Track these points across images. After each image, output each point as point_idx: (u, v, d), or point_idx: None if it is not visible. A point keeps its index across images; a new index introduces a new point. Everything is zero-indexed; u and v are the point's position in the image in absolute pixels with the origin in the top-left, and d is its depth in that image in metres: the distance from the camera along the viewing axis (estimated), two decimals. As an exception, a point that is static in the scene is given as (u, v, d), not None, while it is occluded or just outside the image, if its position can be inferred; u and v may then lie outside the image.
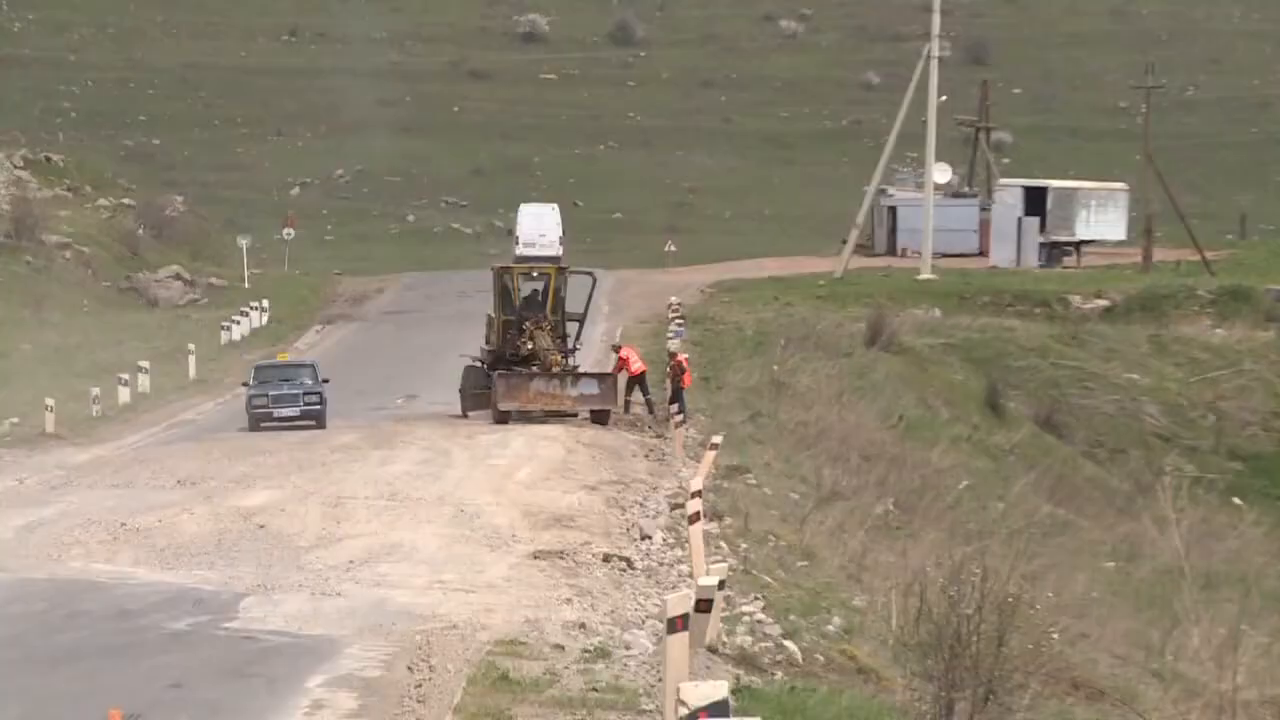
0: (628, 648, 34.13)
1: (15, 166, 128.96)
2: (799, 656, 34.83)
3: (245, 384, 70.92)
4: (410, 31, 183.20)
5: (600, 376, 72.78)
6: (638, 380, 72.51)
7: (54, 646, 34.24)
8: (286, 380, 70.24)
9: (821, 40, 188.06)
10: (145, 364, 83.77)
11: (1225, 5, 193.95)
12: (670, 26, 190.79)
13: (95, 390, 78.02)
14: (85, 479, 58.62)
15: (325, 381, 70.57)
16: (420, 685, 30.83)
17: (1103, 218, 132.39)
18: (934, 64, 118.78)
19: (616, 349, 76.43)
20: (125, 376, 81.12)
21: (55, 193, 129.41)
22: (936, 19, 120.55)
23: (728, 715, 17.18)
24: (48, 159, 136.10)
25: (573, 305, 74.33)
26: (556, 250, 73.11)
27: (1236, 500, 79.25)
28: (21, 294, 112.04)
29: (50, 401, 72.41)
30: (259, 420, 67.70)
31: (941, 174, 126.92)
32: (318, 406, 68.57)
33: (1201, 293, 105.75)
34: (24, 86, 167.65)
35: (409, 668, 32.19)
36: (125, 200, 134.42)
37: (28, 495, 55.35)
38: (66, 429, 71.08)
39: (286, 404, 68.24)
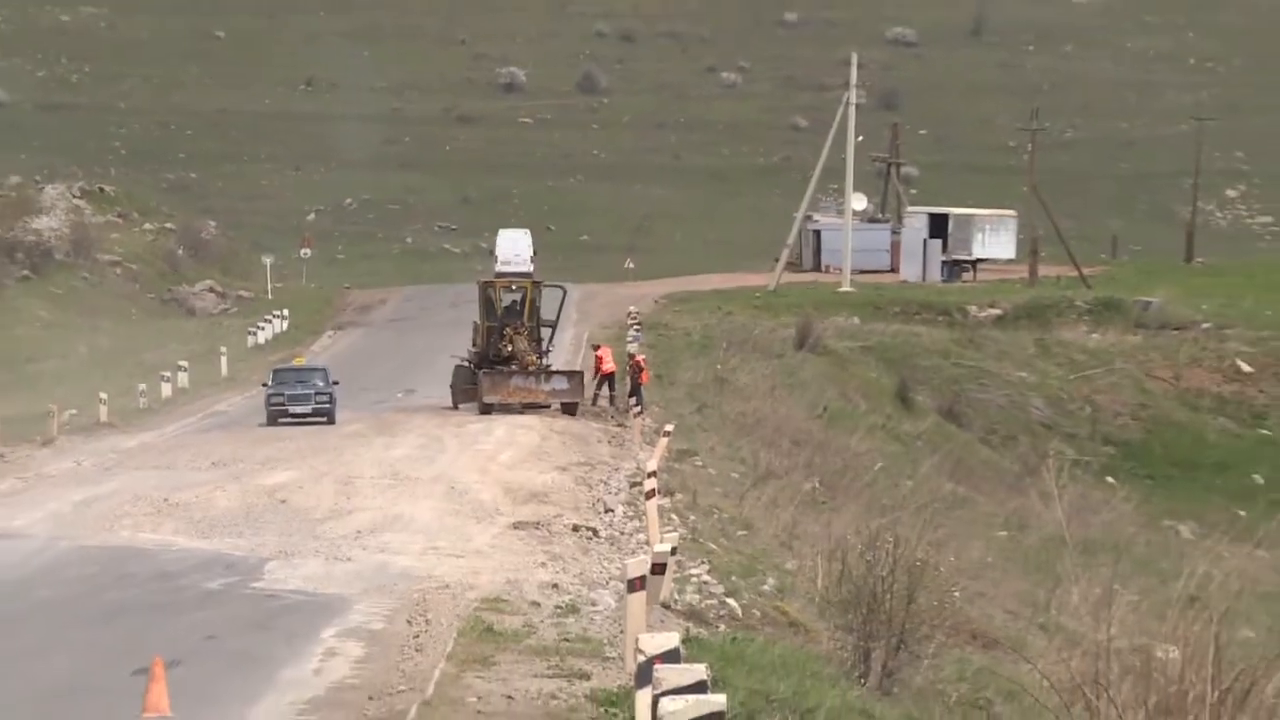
0: (594, 604, 34.05)
1: (74, 196, 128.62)
2: (739, 612, 34.76)
3: (264, 384, 70.43)
4: (408, 82, 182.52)
5: (569, 374, 72.98)
6: (607, 378, 72.57)
7: (106, 603, 34.14)
8: (301, 382, 69.69)
9: (756, 89, 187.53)
10: (184, 364, 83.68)
11: (1097, 60, 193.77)
12: (629, 78, 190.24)
13: (142, 386, 77.87)
14: (133, 461, 58.50)
15: (335, 384, 70.04)
16: (418, 636, 30.73)
17: (995, 239, 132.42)
18: (852, 110, 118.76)
19: (595, 348, 76.56)
20: (167, 374, 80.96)
21: (107, 219, 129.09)
22: (854, 72, 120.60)
23: (679, 661, 17.10)
24: (101, 190, 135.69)
25: (546, 314, 74.60)
26: (529, 267, 73.46)
27: (1109, 479, 79.27)
28: (79, 305, 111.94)
29: (104, 395, 72.23)
30: (276, 416, 67.25)
31: (859, 203, 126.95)
32: (328, 405, 68.11)
33: (1079, 303, 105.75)
34: (81, 129, 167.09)
35: (408, 621, 32.09)
36: (167, 225, 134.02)
37: (84, 475, 55.20)
38: (117, 419, 70.89)
39: (300, 402, 67.72)
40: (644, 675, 18.23)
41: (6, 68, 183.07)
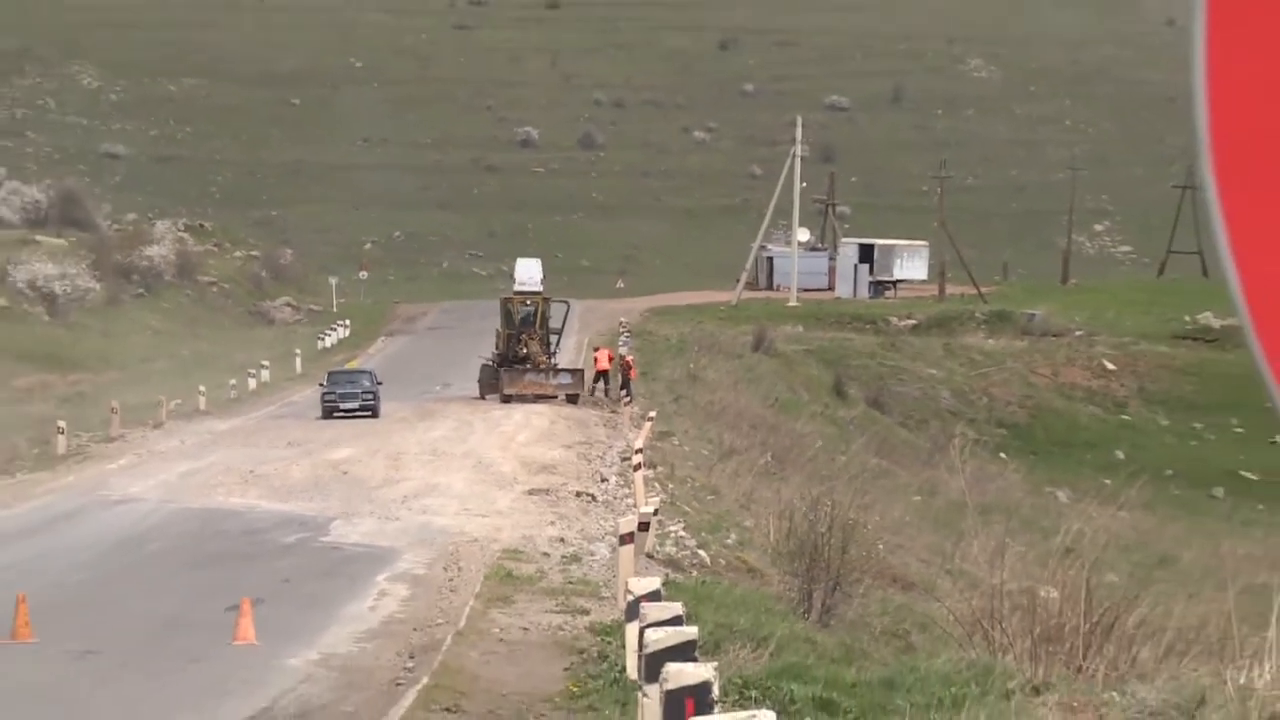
0: (592, 555, 34.08)
1: (179, 230, 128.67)
2: (708, 561, 34.74)
3: (320, 384, 69.53)
4: (444, 139, 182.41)
5: (572, 371, 73.15)
6: (603, 374, 72.62)
7: (204, 554, 34.14)
8: (350, 383, 68.82)
9: (721, 145, 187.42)
10: (265, 364, 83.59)
11: (993, 123, 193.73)
12: (620, 136, 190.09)
13: (232, 381, 77.78)
14: (225, 441, 58.47)
15: (379, 384, 68.92)
16: (452, 580, 30.70)
17: (911, 265, 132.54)
18: (797, 161, 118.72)
19: (596, 349, 76.81)
20: (252, 372, 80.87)
21: (205, 248, 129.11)
22: (799, 131, 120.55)
23: (660, 600, 17.07)
24: (201, 225, 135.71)
25: (554, 323, 74.85)
26: (539, 287, 73.98)
27: (1002, 455, 79.26)
28: (182, 316, 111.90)
29: (202, 389, 72.12)
30: (329, 411, 66.23)
31: (803, 235, 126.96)
32: (372, 402, 66.93)
33: (977, 315, 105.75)
34: (185, 177, 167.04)
35: (444, 568, 32.08)
36: (252, 253, 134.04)
37: (187, 451, 55.19)
38: (213, 407, 70.82)
39: (349, 400, 66.67)
40: (632, 611, 18.19)
41: (126, 129, 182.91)
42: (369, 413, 65.72)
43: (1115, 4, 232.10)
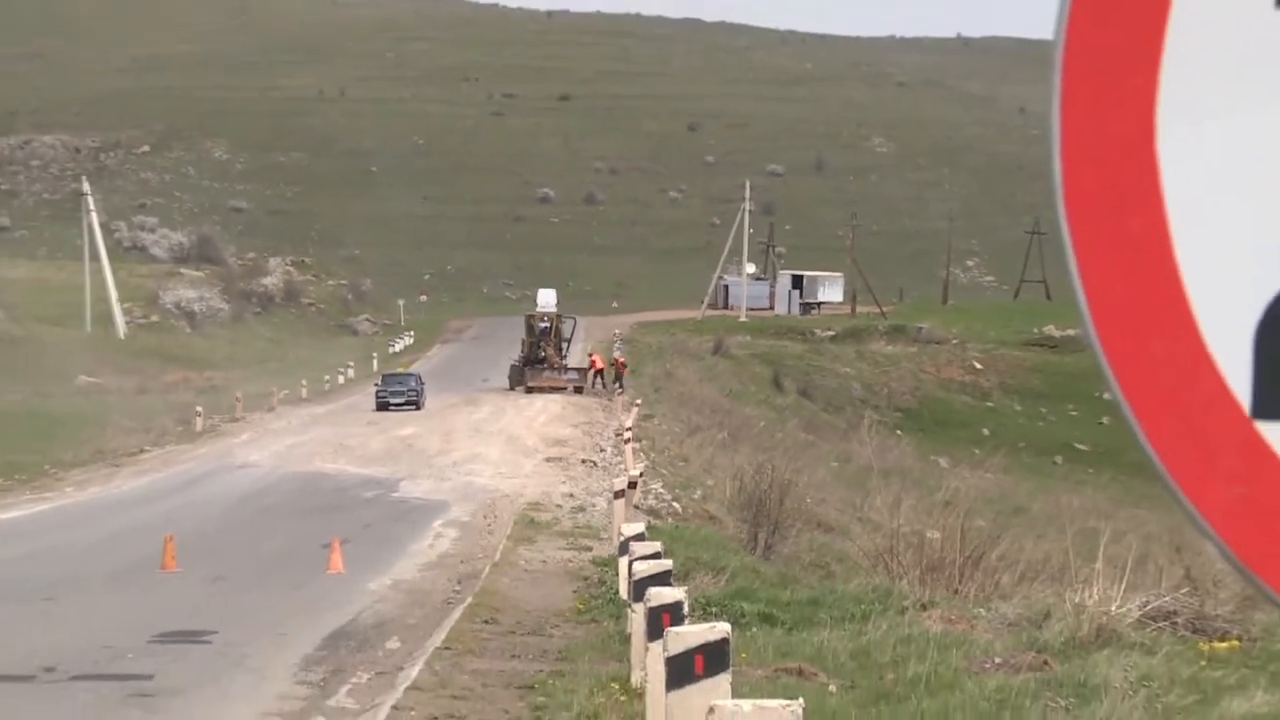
0: (594, 506, 34.10)
1: (286, 265, 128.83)
2: (680, 510, 34.76)
3: (375, 384, 67.65)
4: (484, 196, 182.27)
5: (579, 369, 73.46)
6: (599, 373, 72.66)
7: (305, 506, 34.15)
8: (399, 383, 66.68)
9: (690, 202, 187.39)
10: (350, 364, 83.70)
11: (892, 185, 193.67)
12: (614, 195, 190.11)
13: (326, 377, 77.89)
14: (321, 421, 58.57)
15: (423, 384, 66.84)
16: (489, 524, 30.72)
17: (830, 290, 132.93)
18: (746, 214, 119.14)
19: (590, 355, 76.96)
20: (341, 370, 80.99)
21: (306, 278, 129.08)
22: (747, 191, 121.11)
23: (644, 540, 17.06)
24: (302, 261, 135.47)
25: (564, 334, 75.26)
26: (553, 307, 74.52)
27: (898, 432, 79.28)
28: (289, 329, 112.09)
29: (304, 382, 72.24)
30: (382, 405, 63.82)
31: (750, 269, 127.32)
32: (416, 398, 64.68)
33: (880, 328, 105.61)
34: (292, 226, 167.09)
35: (483, 516, 32.10)
36: (341, 281, 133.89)
37: (292, 429, 55.19)
38: (312, 396, 70.87)
39: (397, 396, 64.56)
40: (624, 549, 18.17)
41: (247, 190, 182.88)
42: (413, 406, 63.72)
43: (979, 97, 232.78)
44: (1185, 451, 1.47)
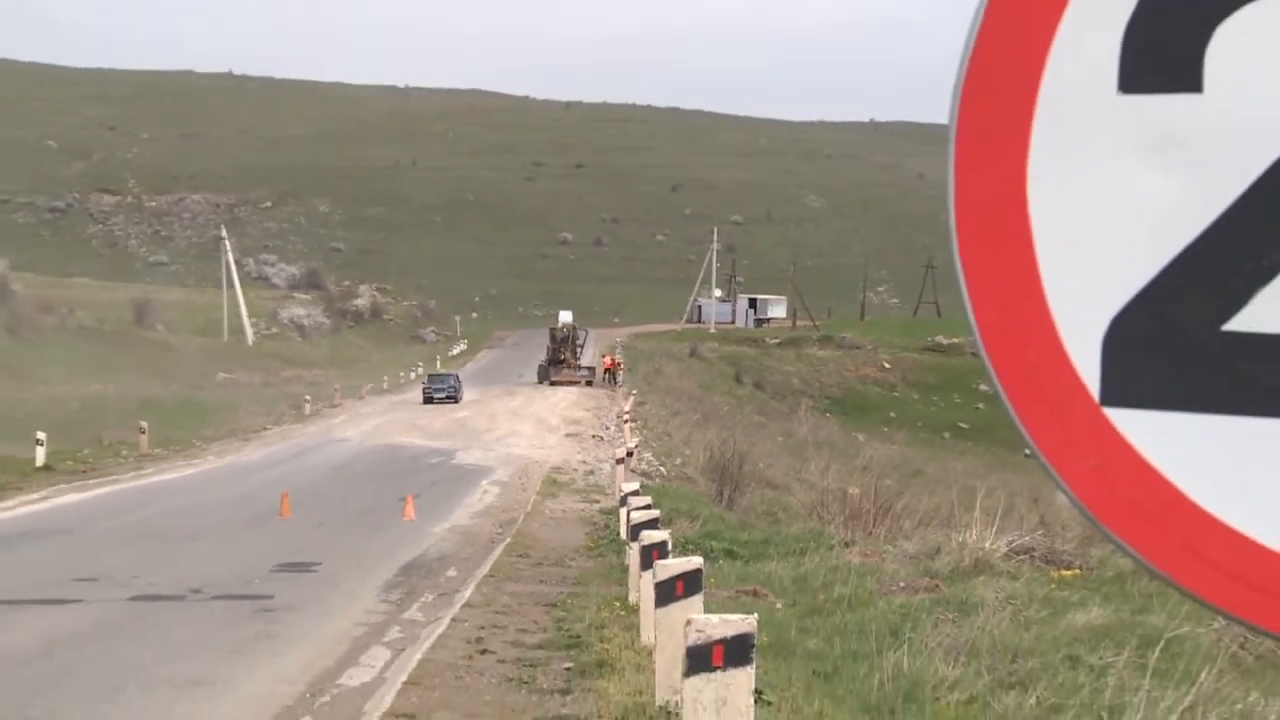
0: (601, 470, 34.01)
1: (373, 290, 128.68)
2: (665, 473, 34.74)
3: (424, 383, 64.52)
4: (519, 240, 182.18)
5: (589, 368, 73.43)
6: (609, 371, 72.68)
7: (385, 470, 34.08)
8: (442, 381, 62.92)
9: (673, 244, 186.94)
10: (420, 364, 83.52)
11: (822, 232, 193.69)
12: (617, 239, 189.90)
13: (401, 373, 77.79)
14: (398, 408, 58.46)
15: (460, 381, 62.78)
16: (523, 484, 30.66)
17: (777, 309, 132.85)
18: (714, 253, 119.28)
19: (604, 356, 76.95)
20: (413, 369, 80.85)
21: (387, 300, 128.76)
22: (715, 236, 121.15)
23: (639, 495, 17.06)
24: (384, 288, 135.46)
25: (579, 342, 75.33)
26: (570, 323, 74.79)
27: (827, 415, 79.32)
28: (376, 338, 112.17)
29: (385, 378, 72.19)
30: (428, 399, 60.36)
31: (718, 293, 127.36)
32: (455, 393, 60.85)
33: (814, 337, 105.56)
34: (378, 261, 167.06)
35: (519, 478, 32.03)
36: (413, 302, 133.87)
37: (376, 413, 55.15)
38: (391, 389, 70.79)
39: (440, 391, 61.05)
40: (623, 501, 18.16)
41: (343, 234, 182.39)
42: (452, 400, 60.26)
43: (887, 166, 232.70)
44: (1050, 432, 1.49)
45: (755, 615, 7.14)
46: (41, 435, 32.88)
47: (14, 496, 26.41)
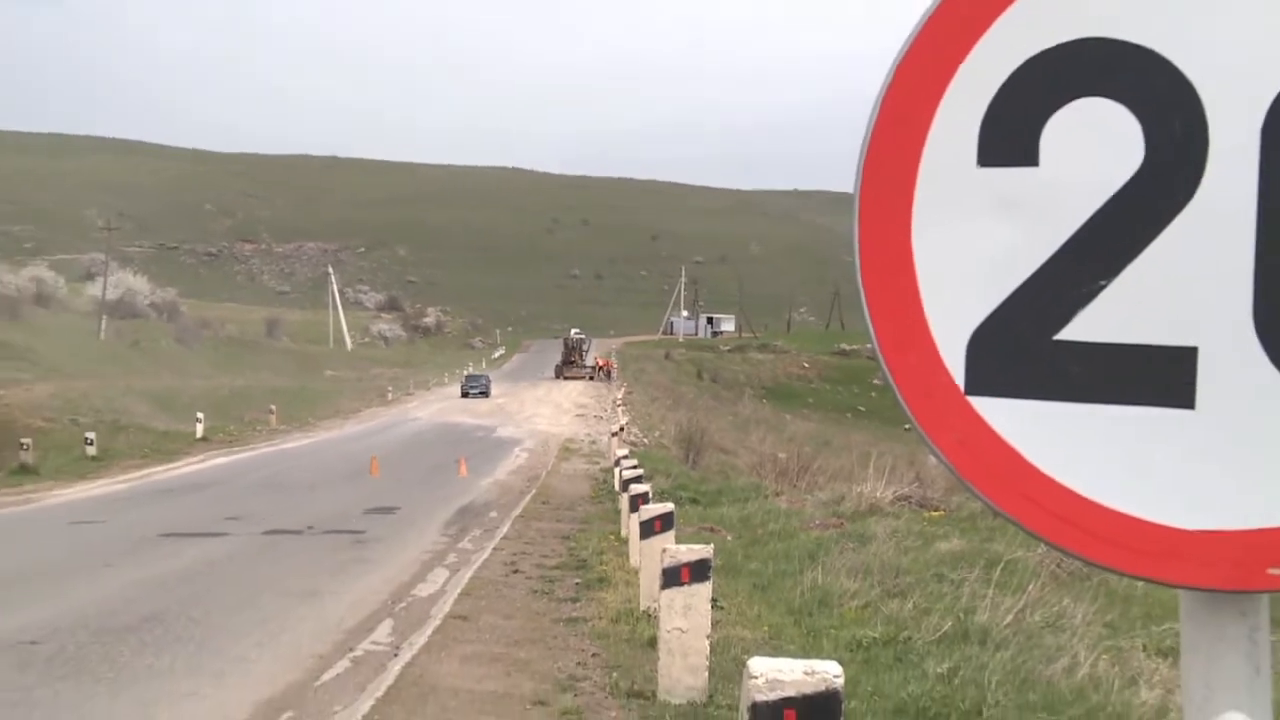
0: (601, 440, 33.82)
1: (438, 311, 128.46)
2: (647, 443, 34.59)
3: (460, 381, 60.61)
4: (540, 277, 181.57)
5: (593, 367, 73.08)
6: (605, 369, 72.34)
7: (444, 440, 33.85)
8: (476, 380, 57.90)
9: (653, 278, 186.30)
10: (470, 365, 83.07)
11: (765, 271, 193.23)
12: (613, 274, 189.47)
13: (456, 371, 77.21)
14: (451, 398, 58.11)
15: (489, 380, 57.97)
16: (545, 450, 30.52)
17: (727, 324, 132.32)
18: (683, 284, 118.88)
19: (600, 359, 76.63)
20: (464, 368, 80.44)
21: (447, 318, 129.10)
22: (684, 272, 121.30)
23: (628, 458, 16.99)
24: (445, 309, 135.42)
25: (585, 347, 74.88)
26: (580, 334, 74.42)
27: (764, 400, 79.15)
28: (438, 346, 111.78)
29: (446, 376, 71.83)
30: (464, 394, 56.08)
31: (685, 313, 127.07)
32: (486, 389, 56.02)
33: (754, 345, 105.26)
34: (439, 291, 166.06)
35: (542, 446, 31.83)
36: (465, 320, 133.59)
37: (437, 400, 54.87)
38: (450, 382, 70.39)
39: (475, 388, 56.35)
40: (617, 463, 18.08)
41: (414, 270, 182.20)
42: (483, 395, 55.69)
43: (810, 223, 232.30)
44: (928, 413, 1.49)
45: (712, 545, 7.17)
46: (200, 415, 33.41)
47: (182, 459, 26.56)
